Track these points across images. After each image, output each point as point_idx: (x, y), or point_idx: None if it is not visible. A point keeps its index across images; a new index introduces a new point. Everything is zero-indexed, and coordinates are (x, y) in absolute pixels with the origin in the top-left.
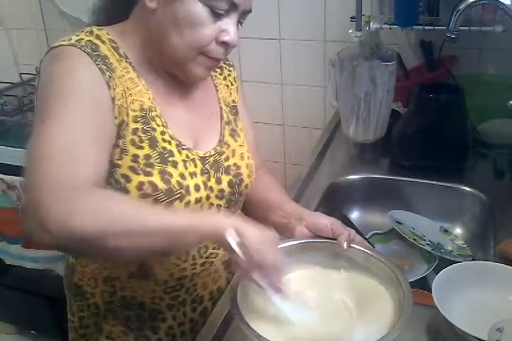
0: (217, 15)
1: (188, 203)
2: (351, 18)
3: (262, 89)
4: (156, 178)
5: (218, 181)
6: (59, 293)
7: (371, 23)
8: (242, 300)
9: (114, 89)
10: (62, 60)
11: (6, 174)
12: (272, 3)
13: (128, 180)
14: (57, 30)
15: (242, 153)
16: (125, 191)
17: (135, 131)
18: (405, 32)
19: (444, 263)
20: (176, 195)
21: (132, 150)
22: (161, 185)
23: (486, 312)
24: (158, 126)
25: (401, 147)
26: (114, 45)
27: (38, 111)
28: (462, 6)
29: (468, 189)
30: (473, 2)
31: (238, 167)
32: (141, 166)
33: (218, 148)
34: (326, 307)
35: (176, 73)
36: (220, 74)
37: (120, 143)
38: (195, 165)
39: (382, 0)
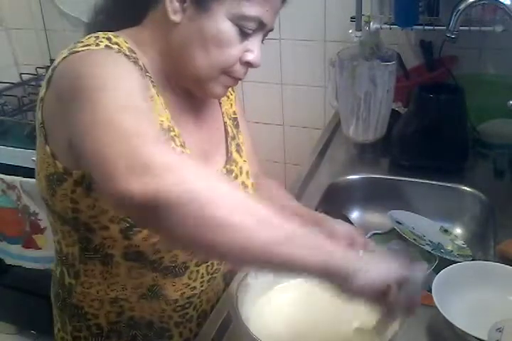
0: (244, 35)
1: None
2: (351, 18)
3: (262, 89)
4: None
5: None
6: None
7: (371, 23)
8: (242, 304)
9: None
10: (95, 56)
11: (6, 174)
12: None
13: None
14: (57, 30)
15: (247, 171)
16: None
17: None
18: (405, 32)
19: (444, 263)
20: None
21: None
22: None
23: (486, 312)
24: (177, 146)
25: (401, 147)
26: (134, 55)
27: (79, 89)
28: (462, 6)
29: (468, 189)
30: (473, 2)
31: (246, 186)
32: None
33: (228, 166)
34: (324, 314)
35: (193, 90)
36: None
37: None
38: None
39: (382, 0)
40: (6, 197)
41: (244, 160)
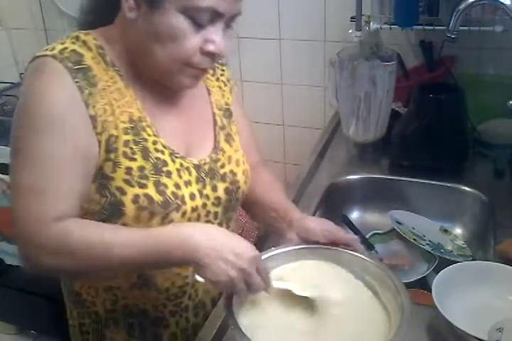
0: (200, 26)
1: (184, 213)
2: (351, 18)
3: (262, 89)
4: (151, 190)
5: (214, 189)
6: (59, 293)
7: (371, 23)
8: (238, 309)
9: (94, 106)
10: (40, 78)
11: (6, 174)
12: (272, 3)
13: (123, 192)
14: (57, 30)
15: (237, 159)
16: (121, 204)
17: (126, 143)
18: (405, 32)
19: (444, 263)
20: (173, 206)
21: (125, 162)
22: (157, 198)
23: (486, 312)
24: (150, 135)
25: (401, 147)
26: (101, 51)
27: (14, 137)
28: (462, 6)
29: (468, 189)
30: (473, 2)
31: (234, 174)
32: (136, 178)
33: (214, 155)
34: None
35: (163, 83)
36: (213, 76)
37: (112, 157)
38: (190, 174)
39: (382, 0)
40: (6, 197)
41: (236, 150)
